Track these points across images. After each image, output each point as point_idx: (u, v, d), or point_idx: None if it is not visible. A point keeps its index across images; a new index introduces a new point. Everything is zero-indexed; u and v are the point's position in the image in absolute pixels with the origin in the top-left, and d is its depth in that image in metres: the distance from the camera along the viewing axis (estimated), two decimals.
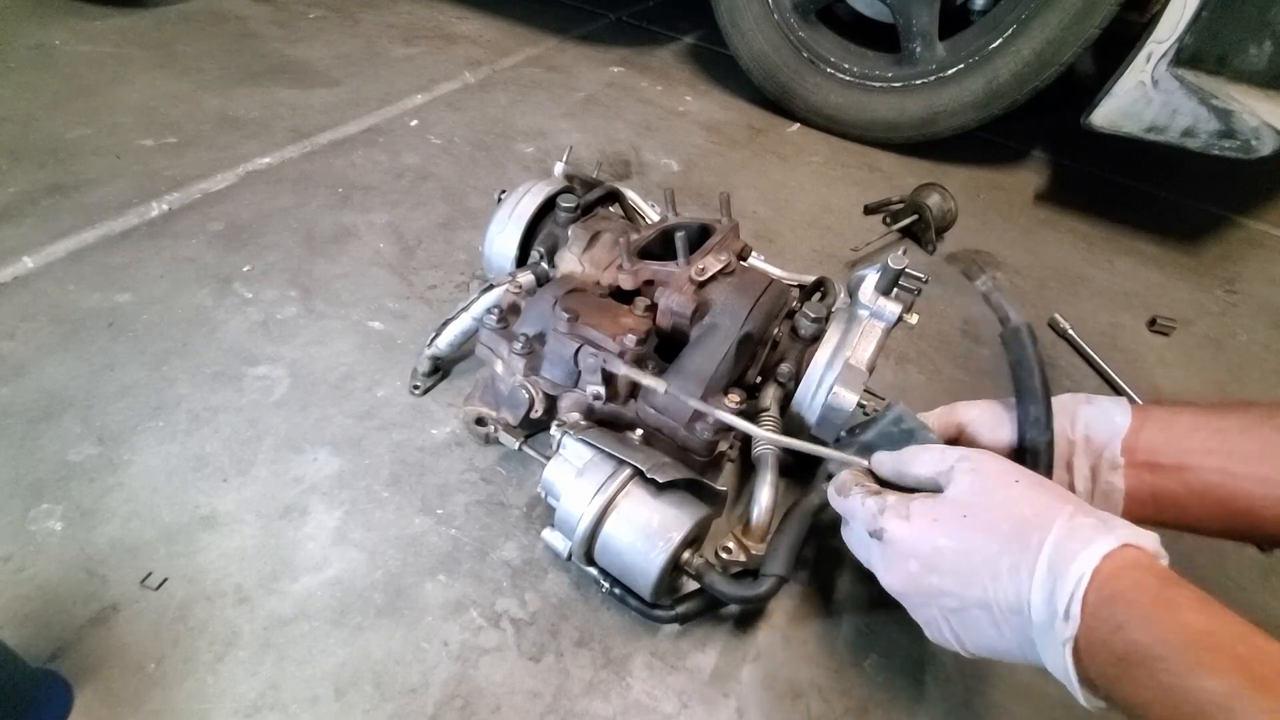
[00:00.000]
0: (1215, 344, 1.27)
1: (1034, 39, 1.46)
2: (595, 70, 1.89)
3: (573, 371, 0.77)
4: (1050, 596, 0.43)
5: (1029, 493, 0.49)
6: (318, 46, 1.75)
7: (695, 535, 0.67)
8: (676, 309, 0.79)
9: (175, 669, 0.62)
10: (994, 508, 0.49)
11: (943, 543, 0.50)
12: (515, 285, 0.84)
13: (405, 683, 0.64)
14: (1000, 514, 0.48)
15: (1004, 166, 1.77)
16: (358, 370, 0.92)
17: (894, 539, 0.52)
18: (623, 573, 0.66)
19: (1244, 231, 1.65)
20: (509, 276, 0.86)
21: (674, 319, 0.80)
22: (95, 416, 0.81)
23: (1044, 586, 0.44)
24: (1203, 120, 1.30)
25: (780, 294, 0.83)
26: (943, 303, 1.25)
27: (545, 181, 0.95)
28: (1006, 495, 0.49)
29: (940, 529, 0.50)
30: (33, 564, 0.68)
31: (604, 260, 0.86)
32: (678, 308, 0.79)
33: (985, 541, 0.47)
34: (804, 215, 1.43)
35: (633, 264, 0.82)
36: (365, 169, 1.33)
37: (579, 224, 0.89)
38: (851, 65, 1.68)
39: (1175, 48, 1.27)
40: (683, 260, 0.81)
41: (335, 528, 0.75)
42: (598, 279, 0.86)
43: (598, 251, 0.87)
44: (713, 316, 0.79)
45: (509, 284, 0.84)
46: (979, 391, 1.08)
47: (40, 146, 1.23)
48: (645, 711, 0.65)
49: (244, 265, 1.06)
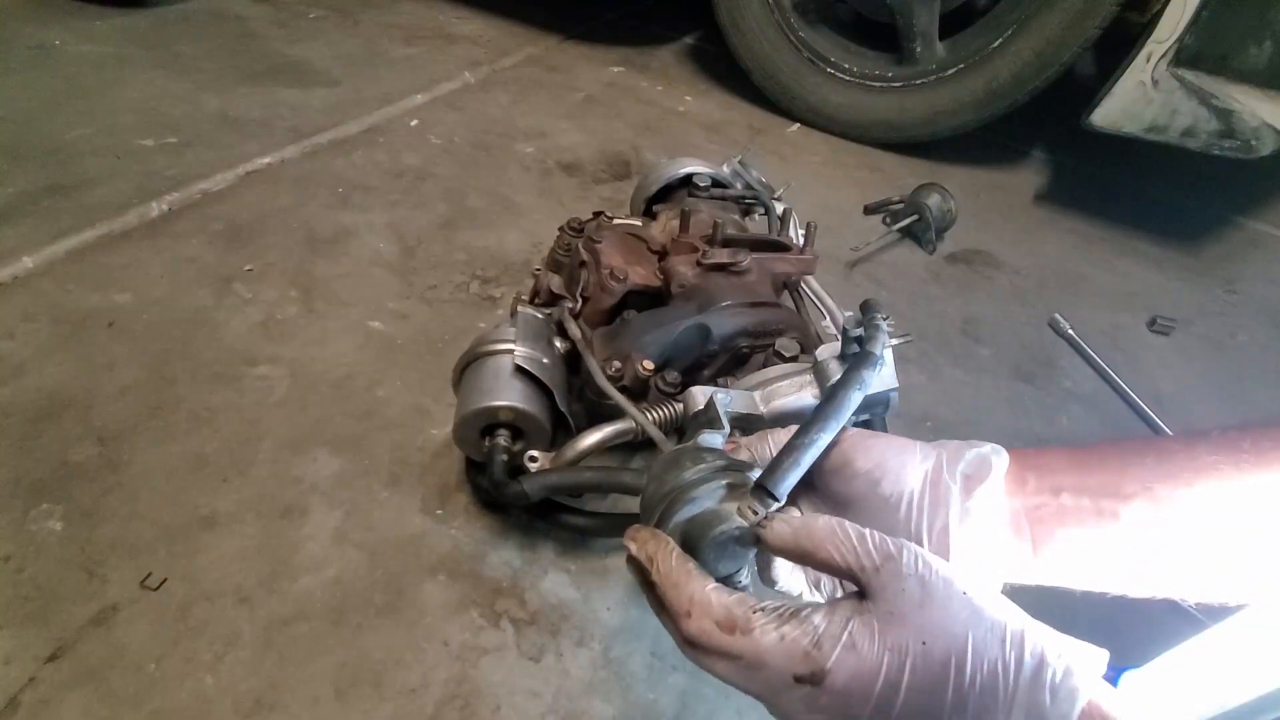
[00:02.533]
0: (1215, 344, 1.27)
1: (1034, 39, 1.46)
2: (595, 70, 1.89)
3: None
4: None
5: (983, 600, 0.39)
6: (318, 46, 1.75)
7: (517, 425, 0.74)
8: (658, 271, 0.87)
9: (175, 669, 0.62)
10: (952, 633, 0.38)
11: (904, 681, 0.37)
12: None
13: (405, 683, 0.64)
14: (960, 642, 0.37)
15: (1004, 166, 1.77)
16: (358, 370, 0.92)
17: (840, 681, 0.37)
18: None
19: (1244, 232, 1.65)
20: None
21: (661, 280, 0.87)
22: (95, 416, 0.81)
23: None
24: (1203, 120, 1.31)
25: (782, 319, 0.83)
26: (942, 303, 1.26)
27: (703, 163, 1.11)
28: (964, 613, 0.39)
29: (901, 663, 0.37)
30: (33, 564, 0.68)
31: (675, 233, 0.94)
32: (659, 271, 0.87)
33: (951, 681, 0.37)
34: (804, 215, 1.41)
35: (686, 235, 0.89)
36: (365, 169, 1.33)
37: (687, 200, 1.00)
38: (851, 65, 1.68)
39: (1175, 48, 1.27)
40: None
41: (335, 528, 0.75)
42: (664, 244, 0.92)
43: (679, 224, 0.94)
44: (691, 296, 0.82)
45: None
46: (978, 390, 1.08)
47: (40, 146, 1.23)
48: (645, 711, 0.65)
49: (244, 265, 1.06)
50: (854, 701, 0.38)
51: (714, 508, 0.46)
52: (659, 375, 0.76)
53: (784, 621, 0.39)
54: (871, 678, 0.38)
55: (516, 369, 0.74)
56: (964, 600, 0.39)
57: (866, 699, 0.37)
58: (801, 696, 0.39)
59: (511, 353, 0.75)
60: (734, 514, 0.45)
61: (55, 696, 0.60)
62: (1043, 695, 0.36)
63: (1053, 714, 0.35)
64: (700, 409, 0.69)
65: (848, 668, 0.38)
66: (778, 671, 0.39)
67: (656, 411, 0.72)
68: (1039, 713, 0.35)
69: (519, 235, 1.22)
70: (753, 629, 0.39)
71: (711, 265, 0.84)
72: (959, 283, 1.30)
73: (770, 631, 0.39)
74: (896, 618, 0.39)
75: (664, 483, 0.49)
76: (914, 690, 0.37)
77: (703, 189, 1.04)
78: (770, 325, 0.82)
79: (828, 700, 0.38)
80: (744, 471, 0.49)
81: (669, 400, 0.74)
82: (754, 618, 0.40)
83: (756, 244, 0.90)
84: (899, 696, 0.37)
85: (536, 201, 1.33)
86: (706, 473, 0.48)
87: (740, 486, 0.47)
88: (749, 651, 0.39)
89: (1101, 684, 0.36)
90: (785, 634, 0.39)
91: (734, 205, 1.05)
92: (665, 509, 0.48)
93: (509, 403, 0.72)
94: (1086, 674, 0.36)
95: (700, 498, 0.47)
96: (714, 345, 0.80)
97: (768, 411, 0.69)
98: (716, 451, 0.52)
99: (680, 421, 0.72)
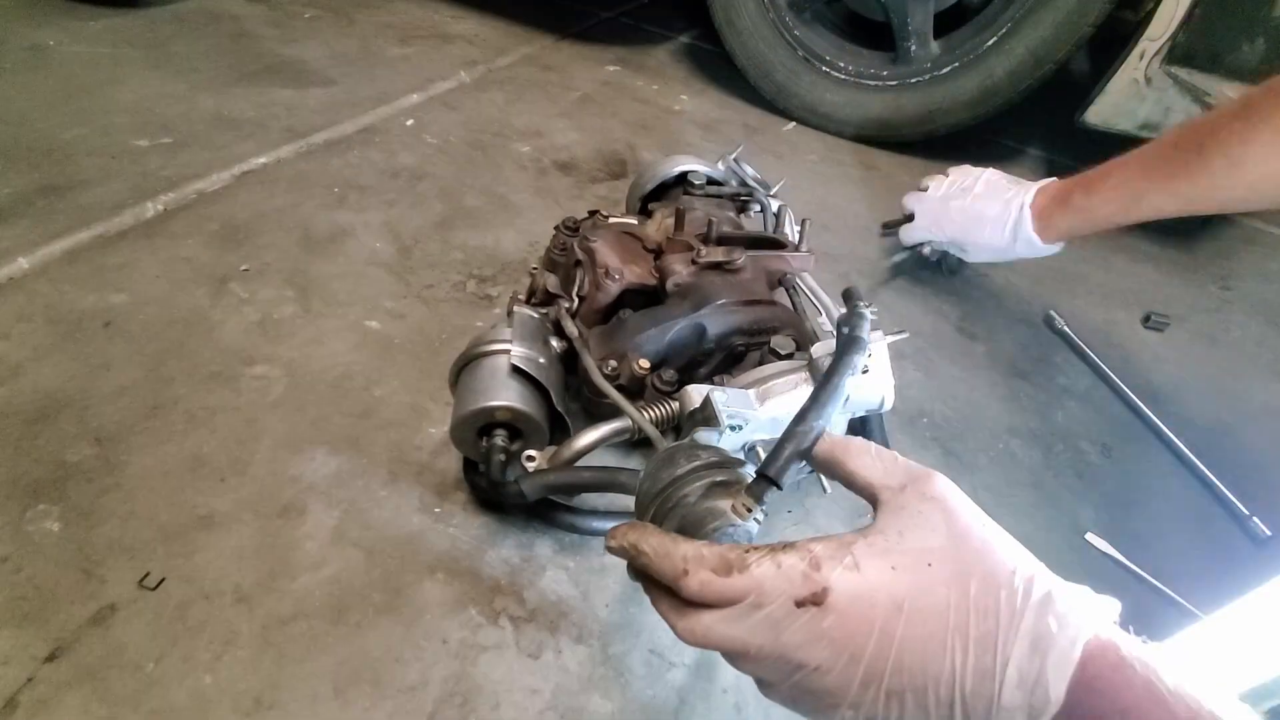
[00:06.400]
0: (1210, 340, 1.27)
1: (1028, 37, 1.46)
2: (591, 69, 1.89)
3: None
4: (1030, 681, 0.35)
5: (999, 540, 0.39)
6: (313, 46, 1.75)
7: (514, 425, 0.74)
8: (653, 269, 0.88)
9: (174, 668, 0.62)
10: (964, 558, 0.38)
11: (908, 601, 0.36)
12: None
13: (404, 680, 0.64)
14: (971, 566, 0.37)
15: (1000, 164, 1.76)
16: (355, 369, 0.92)
17: (843, 600, 0.37)
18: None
19: (1238, 228, 1.66)
20: None
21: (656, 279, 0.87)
22: (92, 417, 0.81)
23: (1022, 667, 0.35)
24: (1196, 117, 1.31)
25: (777, 317, 0.83)
26: (938, 300, 1.26)
27: (698, 161, 1.12)
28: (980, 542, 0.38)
29: (903, 581, 0.37)
30: (30, 564, 0.68)
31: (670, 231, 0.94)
32: (654, 270, 0.88)
33: (957, 602, 0.36)
34: (800, 214, 1.42)
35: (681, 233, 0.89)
36: (361, 169, 1.33)
37: (683, 198, 1.01)
38: (847, 64, 1.68)
39: (1168, 45, 1.28)
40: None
41: (333, 527, 0.75)
42: (659, 242, 0.92)
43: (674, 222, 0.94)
44: (686, 294, 0.82)
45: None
46: (974, 387, 1.08)
47: (35, 147, 1.22)
48: (644, 708, 0.65)
49: (240, 265, 1.05)
50: (857, 625, 0.36)
51: (708, 504, 0.47)
52: (655, 374, 0.77)
53: (780, 552, 0.39)
54: (874, 597, 0.37)
55: (513, 369, 0.74)
56: (982, 536, 0.39)
57: (870, 621, 0.36)
58: (804, 624, 0.37)
59: (508, 353, 0.75)
60: (728, 511, 0.46)
61: (54, 696, 0.59)
62: (1048, 622, 0.35)
63: (1058, 640, 0.34)
64: (696, 407, 0.69)
65: (849, 586, 0.37)
66: (779, 602, 0.38)
67: (653, 410, 0.72)
68: (1044, 640, 0.35)
69: (515, 234, 1.22)
70: (749, 564, 0.39)
71: (706, 264, 0.84)
72: (955, 280, 1.31)
73: (765, 563, 0.39)
74: (908, 539, 0.38)
75: (658, 480, 0.49)
76: (918, 612, 0.36)
77: (698, 187, 1.05)
78: (765, 323, 0.82)
79: (830, 622, 0.37)
80: (738, 468, 0.49)
81: (665, 399, 0.74)
82: (749, 555, 0.39)
83: (751, 241, 0.90)
84: (900, 618, 0.36)
85: (533, 200, 1.33)
86: (701, 469, 0.49)
87: (735, 483, 0.48)
88: (748, 587, 0.38)
89: (1111, 624, 0.36)
90: (782, 561, 0.39)
91: (729, 203, 1.06)
92: (659, 505, 0.49)
93: (506, 403, 0.72)
94: (1095, 611, 0.36)
95: (694, 494, 0.47)
96: (710, 343, 0.80)
97: (763, 409, 0.69)
98: (711, 448, 0.52)
99: (677, 420, 0.73)
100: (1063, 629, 0.35)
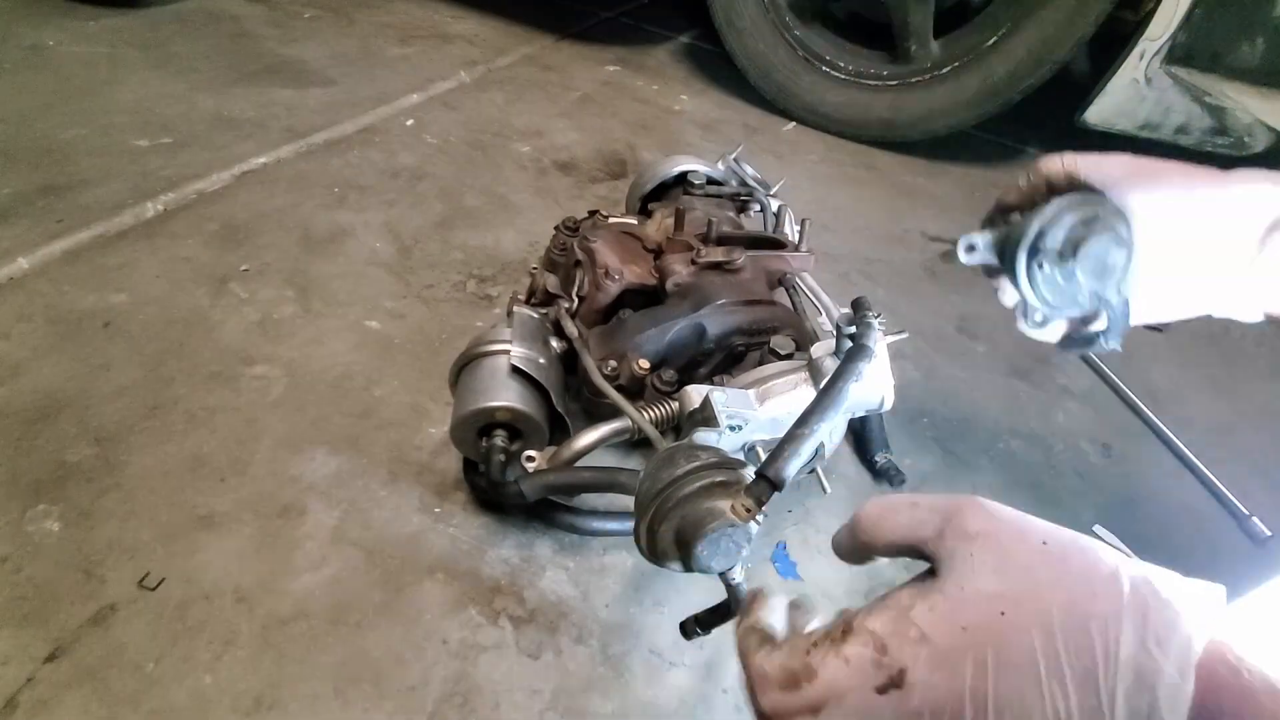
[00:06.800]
0: (1209, 339, 1.27)
1: (1028, 37, 1.46)
2: (591, 69, 1.89)
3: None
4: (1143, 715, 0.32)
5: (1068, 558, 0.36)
6: (313, 46, 1.75)
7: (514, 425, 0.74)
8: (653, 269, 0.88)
9: (174, 668, 0.62)
10: (1039, 595, 0.34)
11: (990, 658, 0.34)
12: None
13: (404, 680, 0.64)
14: (1047, 603, 0.34)
15: (999, 164, 1.77)
16: (355, 369, 0.92)
17: (923, 674, 0.34)
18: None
19: None
20: None
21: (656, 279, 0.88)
22: (92, 417, 0.81)
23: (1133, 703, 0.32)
24: (1196, 117, 1.31)
25: (777, 317, 0.83)
26: (938, 300, 1.26)
27: (698, 161, 1.12)
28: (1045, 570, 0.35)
29: (980, 640, 0.34)
30: (30, 564, 0.68)
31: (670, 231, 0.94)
32: (654, 270, 0.88)
33: (1044, 646, 0.33)
34: (800, 214, 1.42)
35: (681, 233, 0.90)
36: (361, 169, 1.33)
37: (683, 198, 1.02)
38: (847, 64, 1.68)
39: (1168, 45, 1.28)
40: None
41: (333, 527, 0.75)
42: (659, 242, 0.93)
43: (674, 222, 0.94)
44: (686, 294, 0.82)
45: None
46: (974, 387, 1.08)
47: (35, 147, 1.22)
48: (645, 708, 0.65)
49: (240, 265, 1.05)
50: (945, 695, 0.34)
51: (708, 505, 0.47)
52: (655, 374, 0.77)
53: (841, 643, 0.37)
54: (956, 664, 0.34)
55: (513, 369, 0.74)
56: (1044, 554, 0.36)
57: (958, 689, 0.34)
58: (892, 709, 0.35)
59: (508, 353, 0.75)
60: (727, 511, 0.46)
61: (54, 696, 0.59)
62: (1151, 650, 0.32)
63: (1167, 670, 0.32)
64: (696, 407, 0.69)
65: (925, 658, 0.35)
66: (859, 696, 0.36)
67: (653, 410, 0.72)
68: (1150, 671, 0.32)
69: (515, 234, 1.22)
70: (815, 671, 0.37)
71: (706, 264, 0.84)
72: (954, 280, 1.31)
73: (832, 662, 0.36)
74: (969, 591, 0.35)
75: (658, 480, 0.49)
76: (1005, 668, 0.34)
77: (697, 187, 1.05)
78: (765, 323, 0.82)
79: (919, 699, 0.35)
80: (737, 469, 0.49)
81: (665, 399, 0.74)
82: (811, 658, 0.37)
83: (751, 241, 0.90)
84: (988, 678, 0.34)
85: (533, 200, 1.33)
86: (700, 470, 0.49)
87: (734, 484, 0.48)
88: (823, 695, 0.36)
89: (1219, 623, 0.33)
90: (848, 655, 0.36)
91: (729, 203, 1.06)
92: (659, 506, 0.49)
93: (505, 403, 0.72)
94: (1199, 617, 0.33)
95: (694, 495, 0.47)
96: (709, 343, 0.80)
97: (763, 409, 0.69)
98: (711, 449, 0.52)
99: (677, 420, 0.73)
100: (1164, 653, 0.32)
